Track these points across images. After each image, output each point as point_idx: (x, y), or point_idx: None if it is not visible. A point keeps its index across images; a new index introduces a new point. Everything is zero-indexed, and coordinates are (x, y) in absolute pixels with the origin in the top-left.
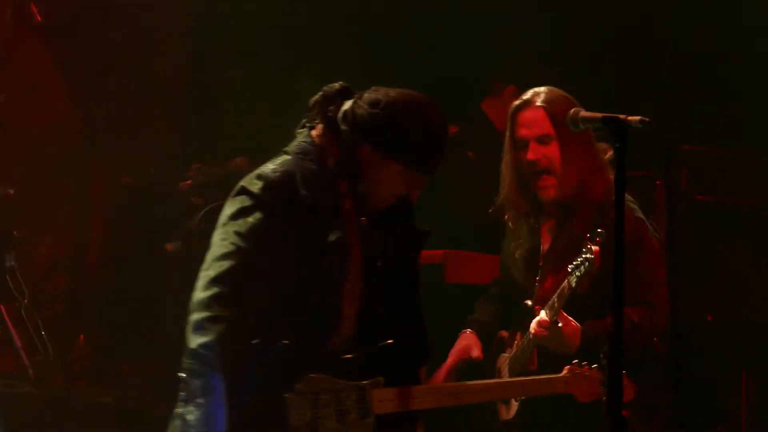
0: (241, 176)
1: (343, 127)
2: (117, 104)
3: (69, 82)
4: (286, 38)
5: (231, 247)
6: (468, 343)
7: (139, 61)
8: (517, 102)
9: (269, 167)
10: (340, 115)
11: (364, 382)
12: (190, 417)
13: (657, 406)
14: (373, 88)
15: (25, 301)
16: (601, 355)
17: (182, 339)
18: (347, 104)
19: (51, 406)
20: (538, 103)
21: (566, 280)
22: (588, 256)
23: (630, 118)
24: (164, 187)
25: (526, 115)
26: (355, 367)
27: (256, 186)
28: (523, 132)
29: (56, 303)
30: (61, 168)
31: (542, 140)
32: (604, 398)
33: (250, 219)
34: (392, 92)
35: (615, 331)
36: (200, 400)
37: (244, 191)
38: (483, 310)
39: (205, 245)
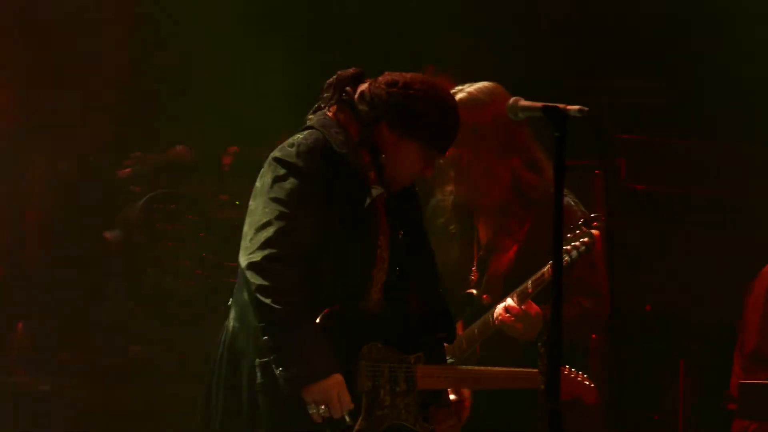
0: (180, 165)
1: (360, 107)
2: (54, 92)
3: (5, 68)
4: (227, 25)
5: (274, 213)
6: None
7: (78, 47)
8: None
9: (298, 137)
10: (357, 95)
11: (410, 356)
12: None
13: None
14: (386, 72)
15: None
16: (539, 344)
17: (120, 326)
18: (363, 86)
19: None
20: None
21: (547, 267)
22: (586, 240)
23: (569, 107)
24: (103, 176)
25: None
26: (386, 336)
27: (289, 154)
28: None
29: None
30: None
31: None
32: (542, 386)
33: (287, 185)
34: (408, 75)
35: (554, 321)
36: (289, 351)
37: (277, 161)
38: None
39: (146, 234)
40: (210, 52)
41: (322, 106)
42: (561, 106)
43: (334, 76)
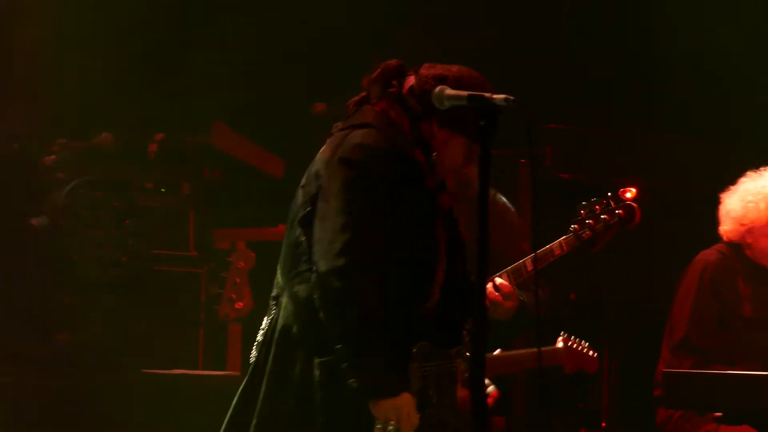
0: (105, 152)
1: (410, 102)
2: None
3: None
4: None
5: (351, 217)
6: None
7: (2, 31)
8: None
9: (361, 137)
10: (405, 90)
11: (452, 349)
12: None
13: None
14: (426, 64)
15: None
16: (464, 333)
17: (45, 314)
18: (410, 80)
19: None
20: None
21: (553, 246)
22: (609, 216)
23: (495, 96)
24: (29, 162)
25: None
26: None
27: (357, 154)
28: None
29: None
30: None
31: None
32: (467, 375)
33: (360, 187)
34: (453, 68)
35: (477, 309)
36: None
37: (346, 162)
38: None
39: (72, 221)
40: (141, 39)
41: (372, 101)
42: (487, 95)
43: (378, 71)
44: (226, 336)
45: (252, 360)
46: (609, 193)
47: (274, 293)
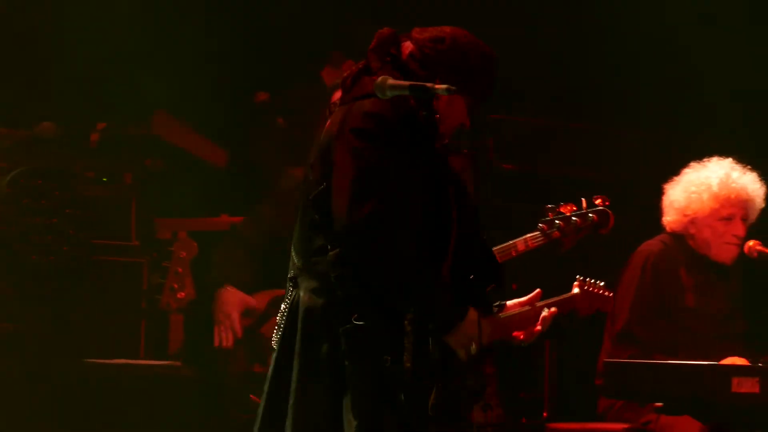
0: (46, 141)
1: (411, 67)
2: None
3: None
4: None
5: (366, 184)
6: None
7: None
8: (336, 81)
9: (367, 106)
10: (405, 56)
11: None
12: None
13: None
14: (417, 29)
15: None
16: (406, 321)
17: None
18: (407, 46)
19: None
20: None
21: (517, 242)
22: (581, 220)
23: (437, 86)
24: None
25: (337, 95)
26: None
27: (367, 123)
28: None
29: None
30: None
31: None
32: (408, 365)
33: (372, 154)
34: (446, 29)
35: (419, 294)
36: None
37: (356, 132)
38: None
39: (13, 209)
40: (79, 27)
41: (373, 70)
42: (428, 84)
43: (374, 40)
44: (167, 326)
45: (275, 344)
46: (582, 198)
47: (291, 274)
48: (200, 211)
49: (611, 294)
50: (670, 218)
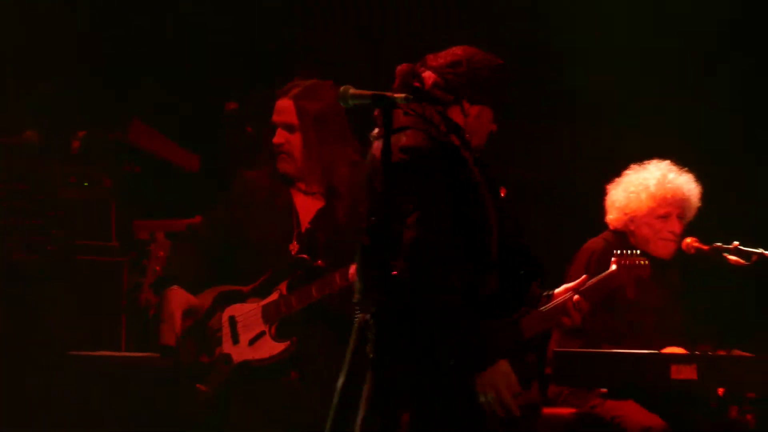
0: (30, 148)
1: (437, 94)
2: None
3: None
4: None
5: (419, 216)
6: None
7: None
8: (279, 90)
9: (404, 140)
10: (429, 86)
11: (515, 314)
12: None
13: None
14: (429, 55)
15: None
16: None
17: None
18: (429, 75)
19: None
20: (290, 96)
21: None
22: None
23: (396, 95)
24: None
25: (279, 103)
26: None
27: (410, 157)
28: (274, 118)
29: None
30: None
31: (288, 128)
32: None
33: (420, 186)
34: (458, 51)
35: (384, 283)
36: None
37: (403, 166)
38: None
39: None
40: (65, 42)
41: (400, 106)
42: (389, 94)
43: (397, 78)
44: (147, 322)
45: (347, 361)
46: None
47: (355, 299)
48: (176, 213)
49: (647, 262)
50: (612, 216)
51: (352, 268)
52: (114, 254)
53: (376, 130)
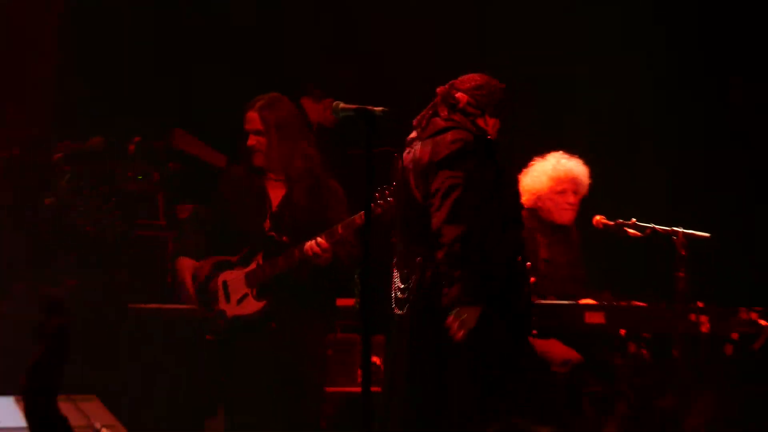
0: (97, 150)
1: (470, 110)
2: None
3: None
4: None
5: (461, 201)
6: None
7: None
8: (247, 104)
9: (451, 137)
10: (464, 103)
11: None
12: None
13: None
14: (454, 81)
15: None
16: (356, 277)
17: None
18: (461, 96)
19: None
20: (255, 109)
21: (358, 215)
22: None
23: (376, 108)
24: (39, 159)
25: (248, 114)
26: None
27: (459, 147)
28: (246, 126)
29: None
30: None
31: (257, 133)
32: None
33: (465, 173)
34: (477, 77)
35: (365, 257)
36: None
37: (450, 156)
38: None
39: (75, 197)
40: (116, 64)
41: (441, 115)
42: (369, 107)
43: (438, 96)
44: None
45: (397, 316)
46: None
47: (395, 261)
48: (207, 199)
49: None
50: (524, 198)
51: (307, 245)
52: (162, 230)
53: (414, 134)
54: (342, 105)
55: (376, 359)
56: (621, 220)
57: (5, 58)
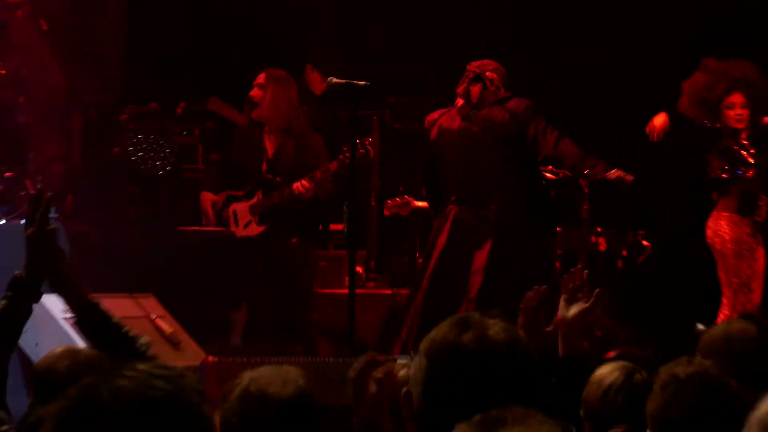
0: (155, 113)
1: (498, 85)
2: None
3: None
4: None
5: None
6: None
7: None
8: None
9: (517, 99)
10: (496, 81)
11: None
12: None
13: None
14: (478, 63)
15: None
16: (344, 207)
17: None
18: (490, 75)
19: None
20: (265, 71)
21: (329, 164)
22: (363, 150)
23: (359, 82)
24: (112, 119)
25: (259, 75)
26: None
27: (531, 102)
28: (254, 83)
29: None
30: None
31: (259, 86)
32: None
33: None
34: (492, 62)
35: (351, 217)
36: None
37: (533, 105)
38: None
39: (135, 143)
40: (166, 52)
41: (481, 88)
42: (355, 82)
43: (471, 74)
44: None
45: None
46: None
47: (452, 198)
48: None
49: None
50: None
51: (295, 184)
52: (200, 173)
53: (461, 103)
54: (335, 80)
55: (359, 269)
56: (542, 167)
57: (82, 35)
